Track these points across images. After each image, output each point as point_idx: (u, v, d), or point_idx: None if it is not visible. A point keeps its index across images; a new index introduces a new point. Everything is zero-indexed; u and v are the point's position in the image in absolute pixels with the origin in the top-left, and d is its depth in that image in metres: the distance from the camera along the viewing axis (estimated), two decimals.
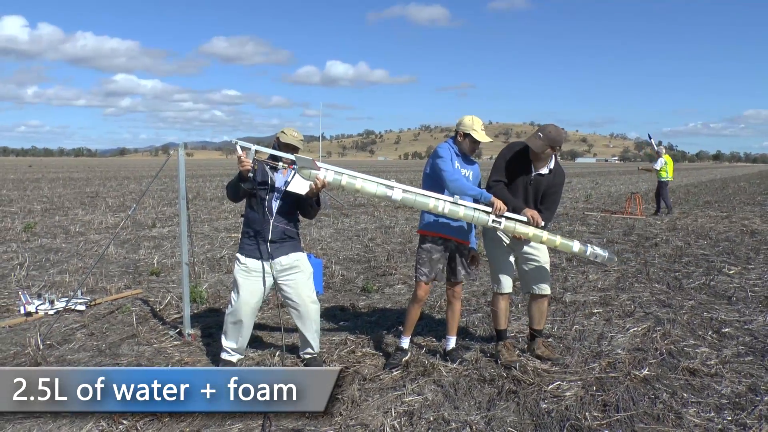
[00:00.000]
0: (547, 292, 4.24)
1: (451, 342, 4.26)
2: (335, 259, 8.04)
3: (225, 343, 3.93)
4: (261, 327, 4.84)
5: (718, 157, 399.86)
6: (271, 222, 3.79)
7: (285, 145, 3.80)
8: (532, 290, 4.22)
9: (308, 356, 4.04)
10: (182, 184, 4.49)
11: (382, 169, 65.29)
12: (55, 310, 5.14)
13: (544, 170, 4.01)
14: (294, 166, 3.63)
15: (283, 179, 3.79)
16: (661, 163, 14.41)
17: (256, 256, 3.81)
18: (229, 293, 4.93)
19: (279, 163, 3.74)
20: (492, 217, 3.73)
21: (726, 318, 5.25)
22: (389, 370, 3.94)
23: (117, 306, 5.48)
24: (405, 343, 4.18)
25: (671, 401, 3.52)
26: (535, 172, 4.00)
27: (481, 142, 4.00)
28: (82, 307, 5.31)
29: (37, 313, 5.12)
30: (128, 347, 4.41)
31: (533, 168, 4.00)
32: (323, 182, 3.56)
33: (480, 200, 3.78)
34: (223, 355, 3.95)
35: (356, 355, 4.26)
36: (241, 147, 3.62)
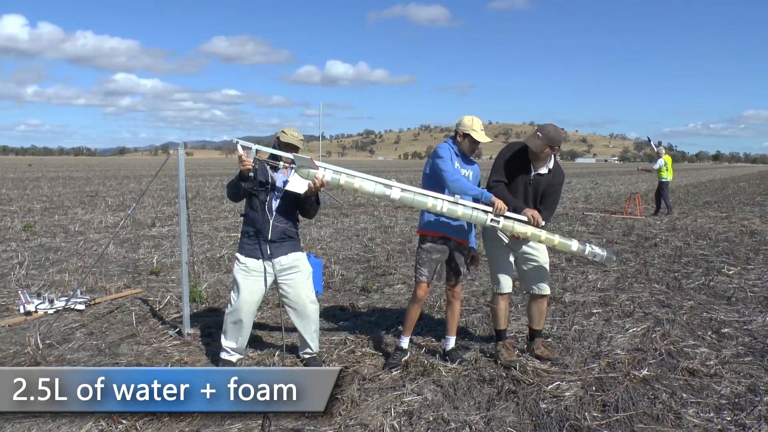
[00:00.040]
0: (547, 292, 4.25)
1: (451, 342, 4.26)
2: (335, 259, 8.04)
3: (225, 342, 3.94)
4: (261, 327, 4.84)
5: (717, 158, 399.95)
6: (271, 221, 3.80)
7: (285, 145, 3.80)
8: (531, 290, 4.22)
9: (308, 356, 4.05)
10: (182, 184, 4.49)
11: (382, 168, 65.29)
12: (55, 310, 5.14)
13: (544, 170, 4.01)
14: (293, 165, 3.64)
15: (283, 179, 3.80)
16: (661, 164, 14.42)
17: (255, 256, 3.82)
18: (228, 293, 4.93)
19: (279, 163, 3.74)
20: (491, 216, 3.73)
21: (725, 318, 5.26)
22: (389, 370, 3.94)
23: (116, 305, 5.48)
24: (404, 343, 4.18)
25: (670, 401, 3.52)
26: (535, 171, 4.00)
27: (481, 143, 4.01)
28: (82, 307, 5.31)
29: (36, 312, 5.12)
30: (128, 347, 4.41)
31: (532, 168, 4.00)
32: (322, 181, 3.57)
33: (481, 200, 3.78)
34: (223, 355, 3.95)
35: (356, 355, 4.27)
36: (242, 146, 3.63)
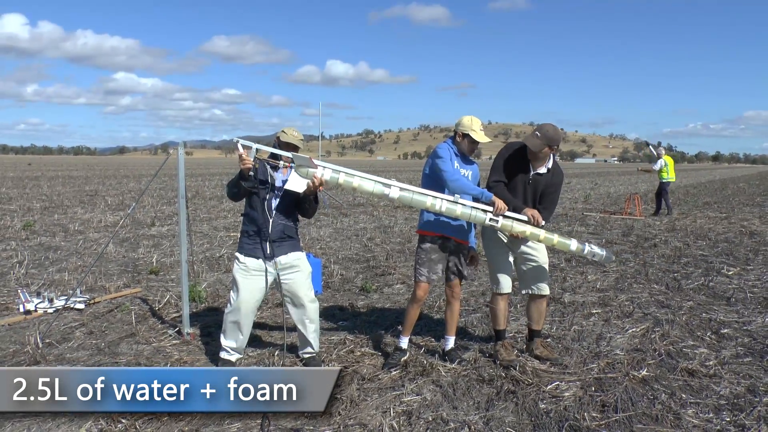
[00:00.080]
0: (546, 293, 4.25)
1: (450, 342, 4.27)
2: (334, 259, 8.04)
3: (224, 342, 3.94)
4: (260, 326, 4.84)
5: (717, 158, 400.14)
6: (271, 221, 3.80)
7: (285, 144, 3.81)
8: (530, 290, 4.23)
9: (307, 356, 4.05)
10: (182, 183, 4.49)
11: (381, 168, 65.27)
12: (54, 309, 5.14)
13: (543, 169, 4.02)
14: (292, 165, 3.64)
15: (283, 178, 3.80)
16: (661, 164, 14.41)
17: (255, 255, 3.82)
18: (228, 292, 4.93)
19: (279, 162, 3.74)
20: (489, 215, 3.73)
21: (725, 319, 5.26)
22: (388, 370, 3.94)
23: (116, 305, 5.48)
24: (404, 342, 4.18)
25: (670, 402, 3.53)
26: (534, 171, 4.00)
27: (480, 143, 4.01)
28: (81, 306, 5.31)
29: (36, 311, 5.12)
30: (127, 346, 4.41)
31: (531, 167, 4.00)
32: (320, 180, 3.58)
33: (481, 200, 3.78)
34: (223, 355, 3.95)
35: (355, 355, 4.27)
36: (242, 145, 3.63)
